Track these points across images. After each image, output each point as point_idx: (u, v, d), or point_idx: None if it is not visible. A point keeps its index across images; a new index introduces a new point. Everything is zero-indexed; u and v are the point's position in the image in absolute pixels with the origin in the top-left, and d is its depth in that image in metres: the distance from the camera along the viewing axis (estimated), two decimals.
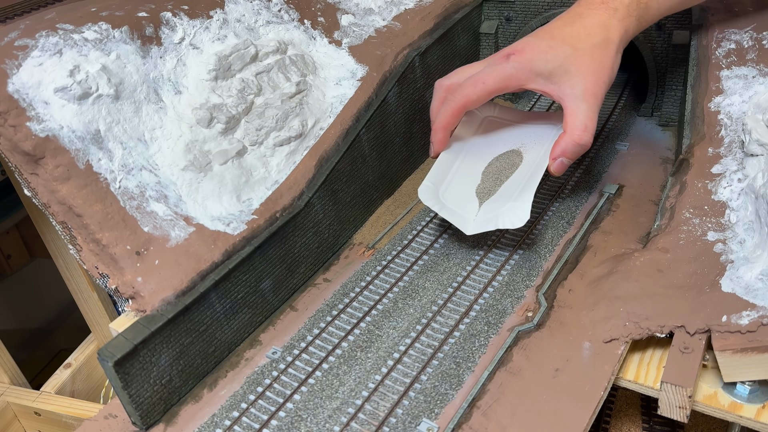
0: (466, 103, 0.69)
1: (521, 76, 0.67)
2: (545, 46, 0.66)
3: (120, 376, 0.50)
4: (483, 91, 0.68)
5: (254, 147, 0.66)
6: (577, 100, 0.65)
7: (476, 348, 0.58)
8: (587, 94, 0.65)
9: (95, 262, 0.55)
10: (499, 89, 0.68)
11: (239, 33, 0.71)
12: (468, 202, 0.69)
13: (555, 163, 0.66)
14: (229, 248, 0.58)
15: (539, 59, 0.66)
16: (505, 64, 0.67)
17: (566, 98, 0.66)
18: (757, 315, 0.49)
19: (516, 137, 0.75)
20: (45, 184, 0.55)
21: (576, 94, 0.65)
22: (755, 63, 0.68)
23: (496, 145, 0.75)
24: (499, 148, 0.74)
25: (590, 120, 0.65)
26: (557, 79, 0.66)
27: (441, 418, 0.52)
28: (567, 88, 0.66)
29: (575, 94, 0.65)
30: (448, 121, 0.71)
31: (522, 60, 0.66)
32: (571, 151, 0.66)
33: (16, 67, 0.56)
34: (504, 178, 0.71)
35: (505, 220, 0.64)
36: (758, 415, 0.49)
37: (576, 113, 0.65)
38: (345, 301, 0.65)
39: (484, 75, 0.68)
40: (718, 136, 0.65)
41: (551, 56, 0.65)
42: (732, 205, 0.59)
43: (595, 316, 0.58)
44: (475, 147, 0.75)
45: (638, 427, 0.63)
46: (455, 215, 0.68)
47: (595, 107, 0.65)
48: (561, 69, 0.65)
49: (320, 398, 0.55)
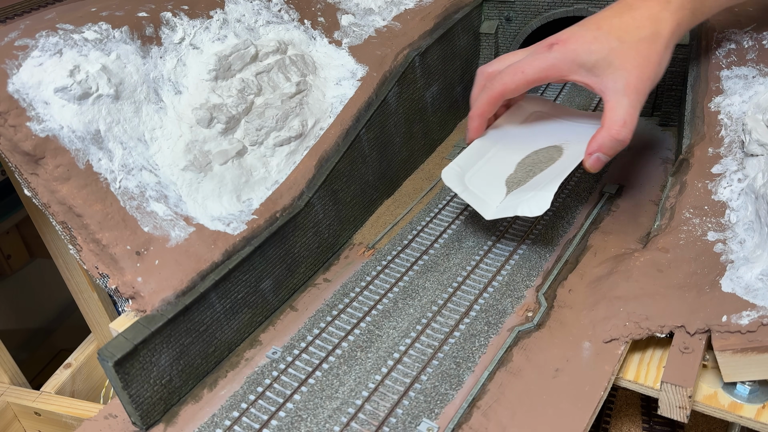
0: (503, 92, 0.68)
1: (563, 67, 0.65)
2: (591, 37, 0.64)
3: (120, 376, 0.50)
4: (522, 80, 0.67)
5: (254, 147, 0.66)
6: (618, 95, 0.63)
7: (476, 348, 0.58)
8: (629, 89, 0.63)
9: (95, 262, 0.55)
10: (538, 79, 0.67)
11: (239, 33, 0.71)
12: (495, 189, 0.69)
13: (591, 159, 0.65)
14: (229, 248, 0.58)
15: (583, 50, 0.64)
16: (547, 53, 0.66)
17: (607, 92, 0.64)
18: (757, 315, 0.49)
19: (560, 133, 0.74)
20: (45, 184, 0.55)
21: (617, 88, 0.63)
22: (755, 63, 0.68)
23: (538, 138, 0.74)
24: (541, 142, 0.73)
25: (630, 116, 0.63)
26: (600, 72, 0.64)
27: (441, 418, 0.52)
28: (609, 82, 0.64)
29: (617, 88, 0.63)
30: (484, 109, 0.70)
31: (565, 50, 0.65)
32: (608, 147, 0.64)
33: (16, 67, 0.56)
34: (538, 171, 0.70)
35: (524, 208, 0.64)
36: (758, 415, 0.49)
37: (616, 107, 0.63)
38: (345, 301, 0.65)
39: (524, 64, 0.66)
40: (718, 136, 0.65)
41: (596, 47, 0.64)
42: (732, 205, 0.59)
43: (595, 316, 0.58)
44: (515, 138, 0.74)
45: (638, 427, 0.63)
46: (477, 200, 0.68)
47: (637, 103, 0.63)
48: (605, 61, 0.63)
49: (320, 398, 0.55)
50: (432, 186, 0.82)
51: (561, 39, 0.66)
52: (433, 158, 0.88)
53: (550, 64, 0.65)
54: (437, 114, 0.88)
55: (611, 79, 0.63)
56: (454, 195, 0.79)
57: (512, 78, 0.67)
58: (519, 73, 0.66)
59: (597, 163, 0.65)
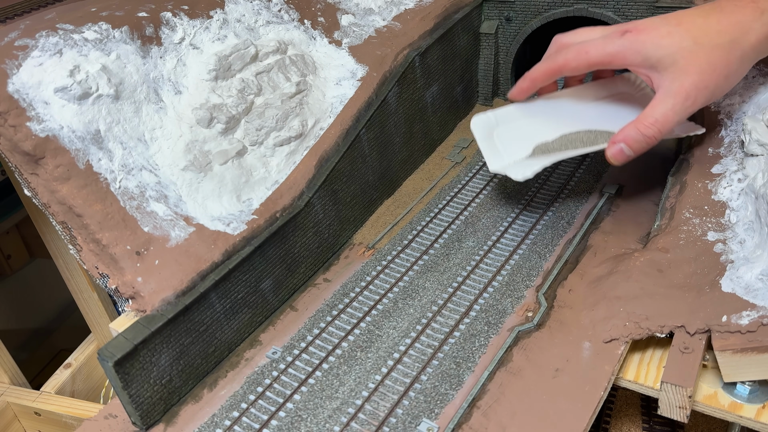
0: (563, 67, 0.67)
1: (628, 56, 0.63)
2: (665, 32, 0.61)
3: (120, 376, 0.50)
4: (584, 61, 0.65)
5: (254, 147, 0.66)
6: (667, 94, 0.61)
7: (476, 348, 0.58)
8: (680, 92, 0.60)
9: (95, 262, 0.55)
10: (601, 63, 0.65)
11: (239, 33, 0.71)
12: (519, 149, 0.69)
13: (614, 147, 0.64)
14: (229, 248, 0.58)
15: (652, 43, 0.61)
16: (617, 39, 0.64)
17: (660, 89, 0.62)
18: (757, 315, 0.49)
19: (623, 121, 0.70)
20: (45, 184, 0.55)
21: (670, 88, 0.61)
22: (755, 63, 0.68)
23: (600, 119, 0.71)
24: (599, 123, 0.71)
25: (665, 117, 0.61)
26: (662, 68, 0.61)
27: (441, 418, 0.52)
28: (666, 80, 0.61)
29: (669, 87, 0.61)
30: (539, 77, 0.69)
31: (635, 39, 0.62)
32: (632, 139, 0.62)
33: (16, 67, 0.56)
34: (572, 147, 0.69)
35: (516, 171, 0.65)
36: (758, 415, 0.49)
37: (657, 105, 0.61)
38: (345, 301, 0.65)
39: (590, 45, 0.65)
40: (718, 136, 0.65)
41: (666, 42, 0.61)
42: (732, 205, 0.59)
43: (595, 316, 0.58)
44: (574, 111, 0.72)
45: (638, 427, 0.63)
46: (494, 151, 0.69)
47: (681, 108, 0.60)
48: (670, 59, 0.60)
49: (320, 398, 0.55)
50: (432, 186, 0.82)
51: (636, 27, 0.64)
52: (433, 158, 0.88)
53: (616, 51, 0.64)
54: (437, 114, 0.88)
55: (669, 78, 0.61)
56: (455, 195, 0.79)
57: (575, 56, 0.66)
58: (583, 53, 0.65)
59: (619, 153, 0.64)
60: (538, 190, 0.78)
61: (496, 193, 0.79)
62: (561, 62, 0.67)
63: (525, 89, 0.71)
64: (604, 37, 0.65)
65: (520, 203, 0.76)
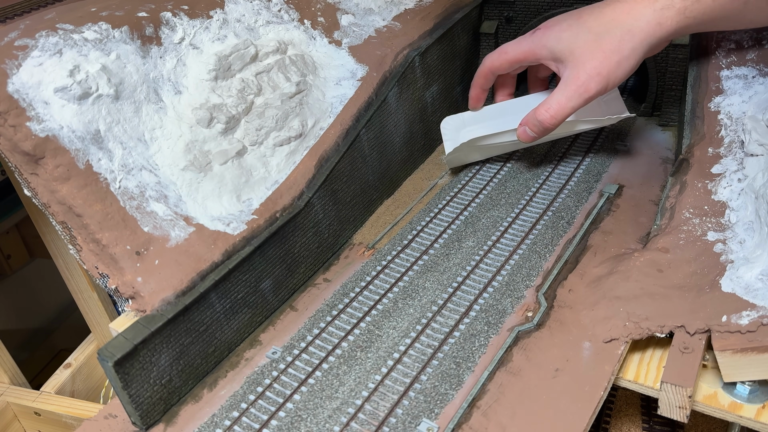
0: (491, 68, 0.76)
1: (537, 51, 0.69)
2: (566, 25, 0.67)
3: (120, 376, 0.50)
4: (504, 60, 0.74)
5: (254, 147, 0.66)
6: (564, 82, 0.66)
7: (476, 348, 0.58)
8: (575, 80, 0.65)
9: (95, 262, 0.55)
10: (519, 60, 0.73)
11: (239, 33, 0.71)
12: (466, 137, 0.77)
13: (519, 129, 0.71)
14: (229, 248, 0.58)
15: (554, 37, 0.67)
16: (529, 37, 0.71)
17: (561, 78, 0.67)
18: (757, 315, 0.49)
19: None
20: (45, 184, 0.55)
21: (568, 76, 0.65)
22: (755, 63, 0.68)
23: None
24: None
25: (559, 105, 0.66)
26: (564, 59, 0.66)
27: (441, 418, 0.52)
28: (565, 71, 0.66)
29: (567, 76, 0.65)
30: (476, 82, 0.78)
31: (542, 36, 0.69)
32: (531, 123, 0.69)
33: (16, 67, 0.56)
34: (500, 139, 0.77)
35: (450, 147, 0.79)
36: (758, 415, 0.49)
37: (555, 93, 0.67)
38: (345, 301, 0.65)
39: (508, 45, 0.73)
40: (718, 136, 0.65)
41: (565, 35, 0.66)
42: (732, 205, 0.59)
43: (595, 316, 0.58)
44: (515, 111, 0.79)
45: (638, 427, 0.63)
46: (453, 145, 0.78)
47: (575, 95, 0.65)
48: (568, 50, 0.65)
49: (320, 398, 0.55)
50: (432, 186, 0.82)
51: (545, 25, 0.70)
52: (433, 158, 0.88)
53: (528, 48, 0.71)
54: (437, 114, 0.88)
55: (569, 68, 0.66)
56: (455, 195, 0.79)
57: (498, 57, 0.74)
58: (503, 53, 0.74)
59: (523, 134, 0.71)
60: (538, 190, 0.78)
61: (496, 193, 0.79)
62: (488, 64, 0.76)
63: (474, 97, 0.80)
64: (519, 38, 0.73)
65: (520, 203, 0.76)
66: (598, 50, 0.63)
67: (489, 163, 0.84)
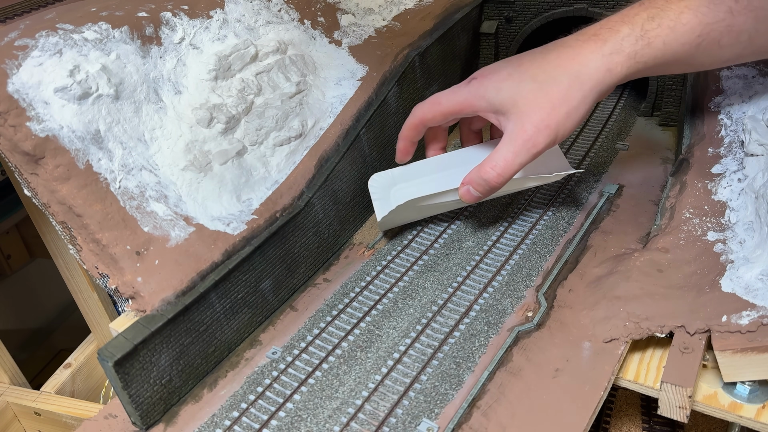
0: (422, 119, 0.68)
1: (474, 102, 0.63)
2: (505, 74, 0.61)
3: (120, 376, 0.50)
4: (438, 111, 0.66)
5: (254, 147, 0.66)
6: (509, 137, 0.60)
7: (476, 348, 0.58)
8: (521, 134, 0.59)
9: (95, 262, 0.55)
10: (453, 112, 0.66)
11: (239, 33, 0.71)
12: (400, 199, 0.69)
13: (462, 188, 0.64)
14: (229, 248, 0.58)
15: (493, 87, 0.61)
16: (464, 87, 0.64)
17: (504, 132, 0.61)
18: (757, 315, 0.49)
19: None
20: (45, 184, 0.55)
21: (512, 130, 0.59)
22: (755, 63, 0.68)
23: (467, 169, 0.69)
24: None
25: (506, 162, 0.60)
26: (505, 111, 0.60)
27: (441, 418, 0.52)
28: (509, 123, 0.60)
29: (512, 130, 0.59)
30: (405, 134, 0.70)
31: (479, 86, 0.63)
32: (476, 183, 0.62)
33: (16, 67, 0.56)
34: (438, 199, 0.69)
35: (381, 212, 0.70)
36: (758, 415, 0.49)
37: (499, 149, 0.60)
38: (345, 301, 0.65)
39: (442, 96, 0.66)
40: (718, 136, 0.65)
41: (505, 86, 0.60)
42: (732, 205, 0.59)
43: (595, 316, 0.58)
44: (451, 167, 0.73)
45: (638, 427, 0.63)
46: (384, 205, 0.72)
47: (522, 150, 0.59)
48: (510, 101, 0.59)
49: (320, 398, 0.55)
50: None
51: (482, 73, 0.64)
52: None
53: (464, 99, 0.64)
54: None
55: (512, 121, 0.60)
56: None
57: (430, 108, 0.67)
58: (436, 104, 0.66)
59: (466, 194, 0.64)
60: (538, 190, 0.78)
61: None
62: (419, 115, 0.68)
63: (402, 149, 0.71)
64: (454, 87, 0.66)
65: (520, 203, 0.76)
66: (545, 100, 0.58)
67: None
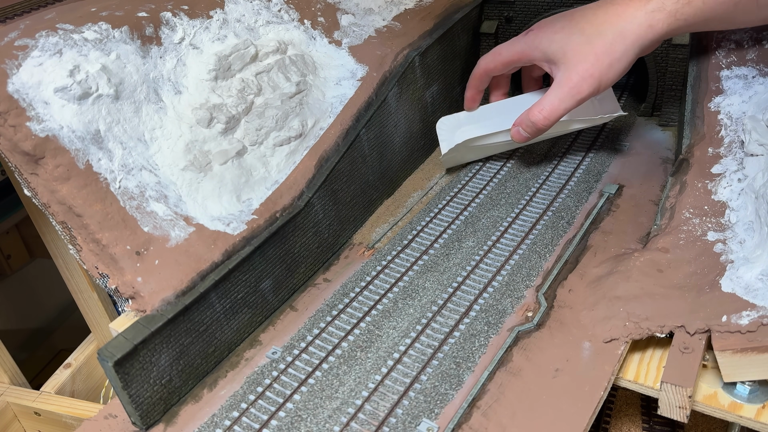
0: (486, 69, 0.77)
1: (530, 52, 0.70)
2: (558, 27, 0.67)
3: (120, 376, 0.50)
4: (499, 61, 0.75)
5: (254, 147, 0.66)
6: (557, 84, 0.66)
7: (476, 348, 0.58)
8: (567, 82, 0.65)
9: (95, 262, 0.55)
10: (512, 61, 0.74)
11: (239, 33, 0.71)
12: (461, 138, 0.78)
13: (513, 129, 0.72)
14: (229, 248, 0.58)
15: (547, 39, 0.67)
16: (522, 38, 0.72)
17: (554, 80, 0.68)
18: (757, 315, 0.49)
19: None
20: (45, 184, 0.55)
21: (560, 78, 0.66)
22: (755, 63, 0.68)
23: None
24: None
25: (552, 106, 0.66)
26: (556, 61, 0.67)
27: (441, 418, 0.52)
28: (559, 72, 0.66)
29: (560, 78, 0.66)
30: (471, 83, 0.79)
31: (534, 37, 0.69)
32: (525, 124, 0.70)
33: (16, 67, 0.56)
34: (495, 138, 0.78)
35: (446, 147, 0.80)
36: (758, 415, 0.49)
37: (548, 95, 0.67)
38: (345, 301, 0.65)
39: (502, 47, 0.74)
40: (718, 136, 0.65)
41: (558, 37, 0.66)
42: (732, 205, 0.59)
43: (595, 316, 0.58)
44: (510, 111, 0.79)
45: (638, 427, 0.63)
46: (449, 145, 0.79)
47: (567, 97, 0.66)
48: (560, 52, 0.66)
49: (320, 398, 0.55)
50: (432, 186, 0.82)
51: (538, 26, 0.71)
52: (433, 158, 0.88)
53: (521, 49, 0.71)
54: (437, 114, 0.88)
55: (561, 69, 0.66)
56: (455, 195, 0.79)
57: (492, 58, 0.76)
58: (497, 55, 0.75)
59: (516, 134, 0.72)
60: (538, 190, 0.78)
61: (496, 193, 0.79)
62: (483, 66, 0.77)
63: (470, 98, 0.81)
64: (513, 39, 0.74)
65: (520, 203, 0.76)
66: (590, 52, 0.64)
67: (489, 163, 0.84)
